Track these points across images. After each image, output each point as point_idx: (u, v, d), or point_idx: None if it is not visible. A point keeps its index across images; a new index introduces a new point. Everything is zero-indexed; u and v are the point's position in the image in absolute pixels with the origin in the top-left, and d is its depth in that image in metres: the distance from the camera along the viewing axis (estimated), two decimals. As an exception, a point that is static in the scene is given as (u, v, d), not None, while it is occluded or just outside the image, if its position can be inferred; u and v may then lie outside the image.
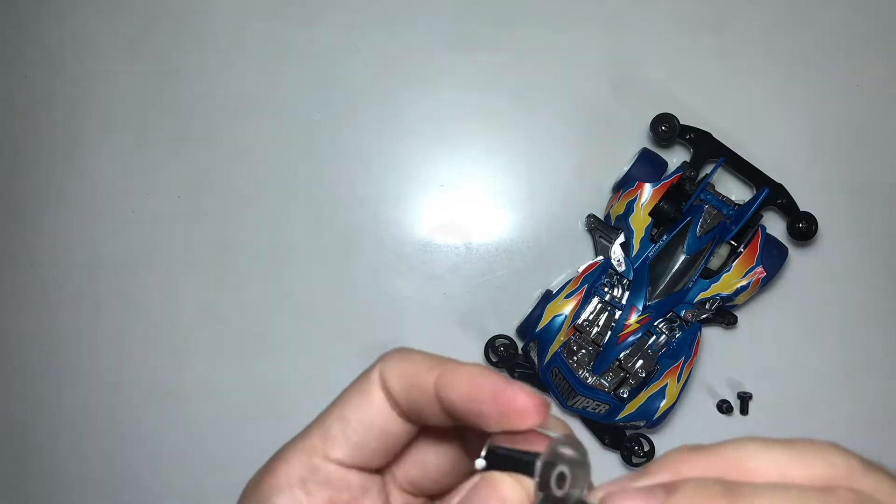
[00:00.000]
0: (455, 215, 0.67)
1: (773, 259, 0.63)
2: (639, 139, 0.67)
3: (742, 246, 0.62)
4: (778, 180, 0.64)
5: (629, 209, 0.62)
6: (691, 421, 0.65)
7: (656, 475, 0.22)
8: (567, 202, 0.67)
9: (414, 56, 0.69)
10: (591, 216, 0.65)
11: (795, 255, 0.65)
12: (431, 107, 0.68)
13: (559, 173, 0.67)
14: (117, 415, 0.66)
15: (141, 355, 0.66)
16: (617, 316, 0.61)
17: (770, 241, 0.63)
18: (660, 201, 0.62)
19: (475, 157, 0.68)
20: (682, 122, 0.65)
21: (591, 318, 0.62)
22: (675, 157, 0.66)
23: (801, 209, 0.64)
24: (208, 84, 0.69)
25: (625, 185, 0.64)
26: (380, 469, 0.30)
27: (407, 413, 0.28)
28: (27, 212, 0.68)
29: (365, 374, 0.29)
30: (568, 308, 0.61)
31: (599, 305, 0.62)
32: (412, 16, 0.70)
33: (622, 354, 0.61)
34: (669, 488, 0.21)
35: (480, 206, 0.67)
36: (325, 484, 0.28)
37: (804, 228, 0.64)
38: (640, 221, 0.62)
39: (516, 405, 0.24)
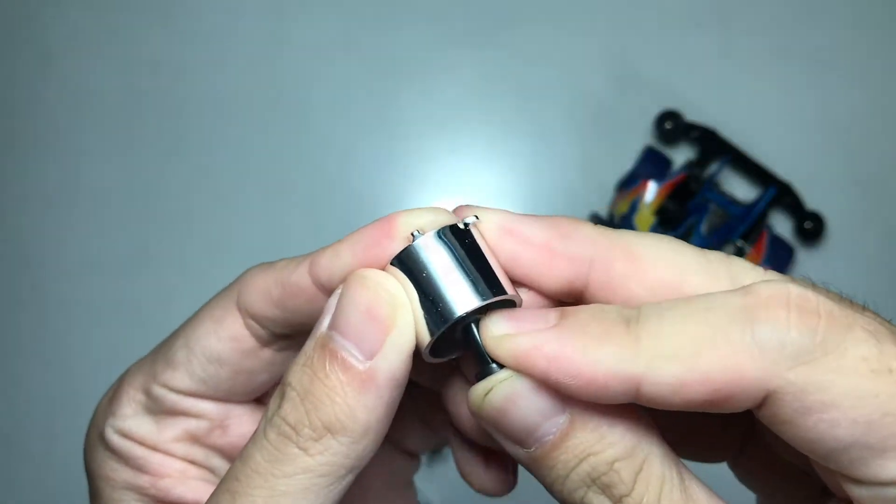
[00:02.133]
0: (456, 214, 0.66)
1: (780, 259, 0.62)
2: (643, 137, 0.66)
3: (748, 246, 0.61)
4: (784, 179, 0.64)
5: (633, 208, 0.62)
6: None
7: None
8: (570, 201, 0.66)
9: (414, 54, 0.68)
10: (594, 215, 0.64)
11: (802, 256, 0.65)
12: (432, 104, 0.68)
13: (562, 171, 0.66)
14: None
15: (137, 355, 0.65)
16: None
17: (776, 241, 0.62)
18: (665, 200, 0.61)
19: (476, 155, 0.67)
20: (687, 120, 0.64)
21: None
22: (680, 156, 0.65)
23: (808, 209, 0.64)
24: (206, 84, 0.69)
25: (629, 183, 0.63)
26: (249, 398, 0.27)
27: (282, 327, 0.25)
28: (21, 212, 0.67)
29: (218, 298, 0.26)
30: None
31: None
32: (412, 13, 0.69)
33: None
34: (564, 313, 0.20)
35: (481, 205, 0.66)
36: (172, 413, 0.26)
37: (811, 228, 0.63)
38: (644, 220, 0.61)
39: (393, 225, 0.22)
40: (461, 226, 0.22)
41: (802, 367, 0.18)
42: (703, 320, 0.19)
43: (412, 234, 0.21)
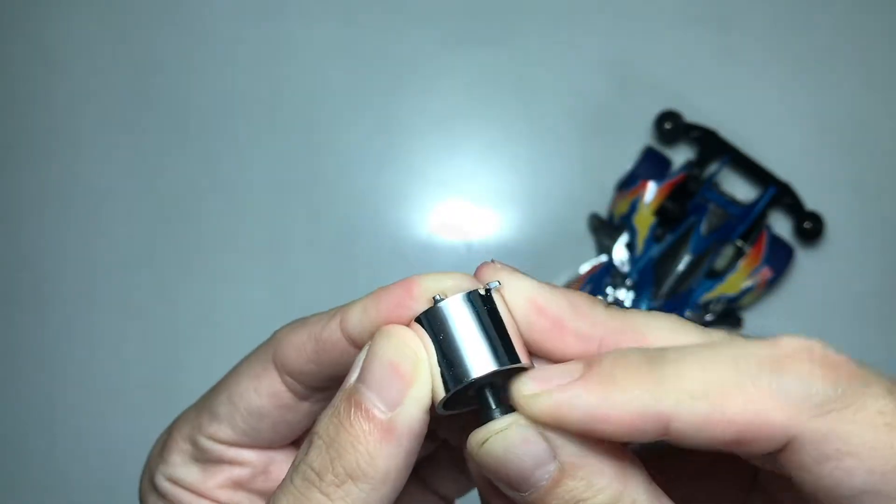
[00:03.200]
0: (455, 215, 0.66)
1: (780, 259, 0.62)
2: (643, 137, 0.66)
3: (748, 246, 0.61)
4: (784, 179, 0.63)
5: (633, 208, 0.62)
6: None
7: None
8: (569, 201, 0.66)
9: (414, 54, 0.68)
10: (593, 215, 0.64)
11: (802, 256, 0.65)
12: (432, 105, 0.68)
13: (561, 172, 0.66)
14: (115, 414, 0.65)
15: (138, 354, 0.65)
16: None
17: (776, 241, 0.62)
18: (664, 200, 0.61)
19: (476, 155, 0.67)
20: (686, 120, 0.64)
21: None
22: (680, 156, 0.65)
23: (808, 209, 0.63)
24: (206, 83, 0.69)
25: (629, 183, 0.63)
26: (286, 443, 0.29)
27: (317, 381, 0.26)
28: (22, 211, 0.67)
29: (256, 355, 0.27)
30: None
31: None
32: (413, 13, 0.69)
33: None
34: (588, 363, 0.21)
35: (481, 206, 0.66)
36: (218, 461, 0.27)
37: (810, 228, 0.63)
38: (644, 221, 0.61)
39: (413, 288, 0.23)
40: (482, 292, 0.23)
41: (825, 417, 0.19)
42: (731, 365, 0.20)
43: (434, 298, 0.23)
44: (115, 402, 0.65)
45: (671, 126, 0.64)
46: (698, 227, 0.61)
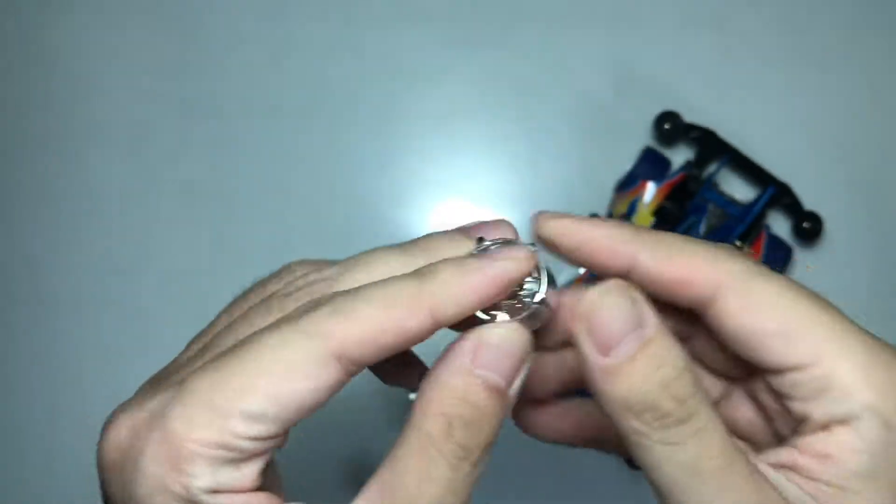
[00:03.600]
0: (455, 215, 0.66)
1: (778, 259, 0.62)
2: (642, 138, 0.66)
3: (747, 246, 0.61)
4: (783, 179, 0.64)
5: (632, 209, 0.62)
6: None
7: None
8: (569, 201, 0.66)
9: (414, 54, 0.68)
10: (593, 216, 0.64)
11: (800, 256, 0.65)
12: (431, 105, 0.68)
13: (561, 172, 0.67)
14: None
15: (139, 356, 0.65)
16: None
17: (774, 240, 0.63)
18: (663, 201, 0.61)
19: (476, 155, 0.67)
20: (685, 121, 0.64)
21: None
22: (679, 156, 0.66)
23: (807, 209, 0.64)
24: (206, 83, 0.69)
25: (628, 184, 0.63)
26: None
27: (365, 366, 0.27)
28: (24, 211, 0.67)
29: (304, 353, 0.25)
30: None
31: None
32: (412, 13, 0.69)
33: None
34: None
35: (481, 206, 0.67)
36: (253, 457, 0.26)
37: (809, 228, 0.63)
38: (643, 221, 0.61)
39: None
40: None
41: (746, 279, 0.26)
42: (687, 240, 0.28)
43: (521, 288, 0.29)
44: (115, 402, 0.65)
45: (670, 126, 0.64)
46: (697, 227, 0.61)
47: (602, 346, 0.25)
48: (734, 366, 0.31)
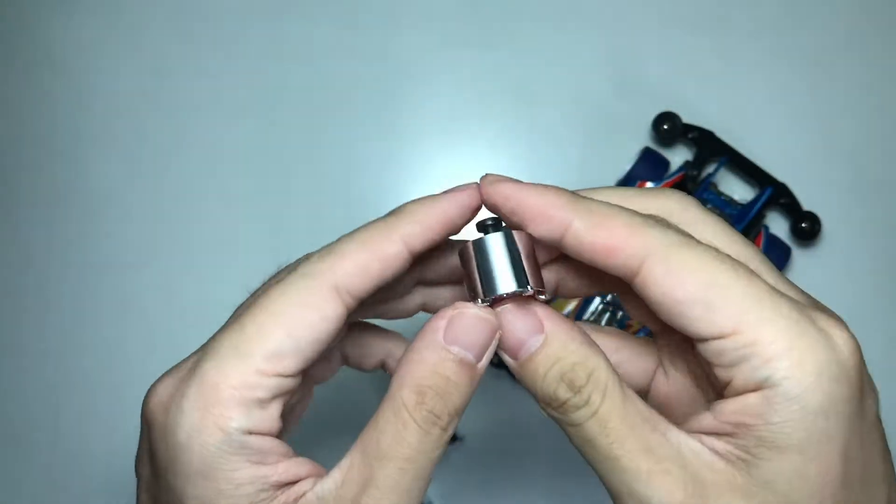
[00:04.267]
0: (455, 215, 0.67)
1: (777, 259, 0.62)
2: (640, 138, 0.66)
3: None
4: (781, 180, 0.64)
5: (631, 209, 0.62)
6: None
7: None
8: (568, 201, 0.66)
9: (413, 53, 0.69)
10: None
11: (798, 256, 0.65)
12: (431, 105, 0.68)
13: (560, 172, 0.67)
14: (117, 416, 0.65)
15: (140, 356, 0.65)
16: (619, 316, 0.61)
17: (773, 240, 0.63)
18: (662, 201, 0.61)
19: (475, 155, 0.68)
20: (684, 121, 0.65)
21: (592, 318, 0.61)
22: (678, 157, 0.66)
23: (805, 209, 0.64)
24: (206, 83, 0.69)
25: (626, 184, 0.63)
26: None
27: (369, 296, 0.31)
28: (25, 211, 0.67)
29: (308, 291, 0.30)
30: (569, 308, 0.61)
31: (601, 306, 0.61)
32: (412, 13, 0.69)
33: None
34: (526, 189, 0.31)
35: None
36: (278, 395, 0.29)
37: (807, 228, 0.64)
38: (642, 221, 0.62)
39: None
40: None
41: (670, 249, 0.27)
42: (623, 212, 0.29)
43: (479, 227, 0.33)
44: (116, 402, 0.65)
45: (669, 127, 0.64)
46: (696, 227, 0.61)
47: (511, 351, 0.30)
48: (668, 334, 0.33)
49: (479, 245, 0.31)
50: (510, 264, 0.30)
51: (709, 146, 0.64)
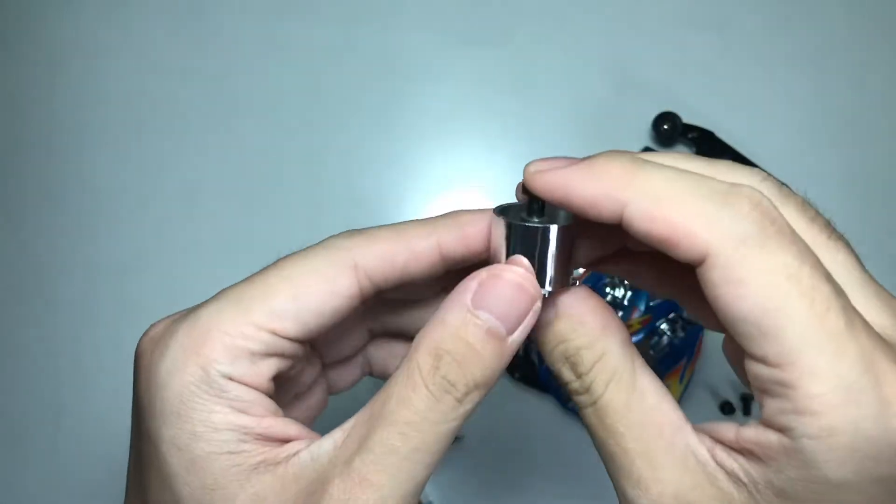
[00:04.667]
0: (455, 215, 0.67)
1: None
2: (641, 138, 0.66)
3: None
4: (781, 179, 0.64)
5: (631, 208, 0.62)
6: (694, 422, 0.64)
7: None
8: (568, 201, 0.66)
9: (414, 54, 0.69)
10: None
11: (798, 256, 0.65)
12: (431, 105, 0.68)
13: (560, 172, 0.67)
14: (116, 416, 0.65)
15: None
16: (619, 316, 0.61)
17: (773, 240, 0.63)
18: (662, 201, 0.61)
19: (476, 155, 0.67)
20: (684, 121, 0.65)
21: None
22: (678, 157, 0.66)
23: (805, 209, 0.64)
24: (206, 83, 0.69)
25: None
26: None
27: (392, 288, 0.30)
28: (25, 212, 0.67)
29: (321, 258, 0.29)
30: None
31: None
32: (412, 13, 0.69)
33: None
34: (589, 158, 0.27)
35: (481, 206, 0.67)
36: (272, 354, 0.28)
37: (807, 228, 0.63)
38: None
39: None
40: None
41: (738, 248, 0.23)
42: (689, 186, 0.24)
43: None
44: (116, 402, 0.65)
45: (669, 127, 0.64)
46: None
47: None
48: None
49: (515, 229, 0.28)
50: (537, 260, 0.28)
51: (709, 146, 0.64)
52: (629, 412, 0.26)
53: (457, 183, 0.67)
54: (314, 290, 0.28)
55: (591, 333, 0.27)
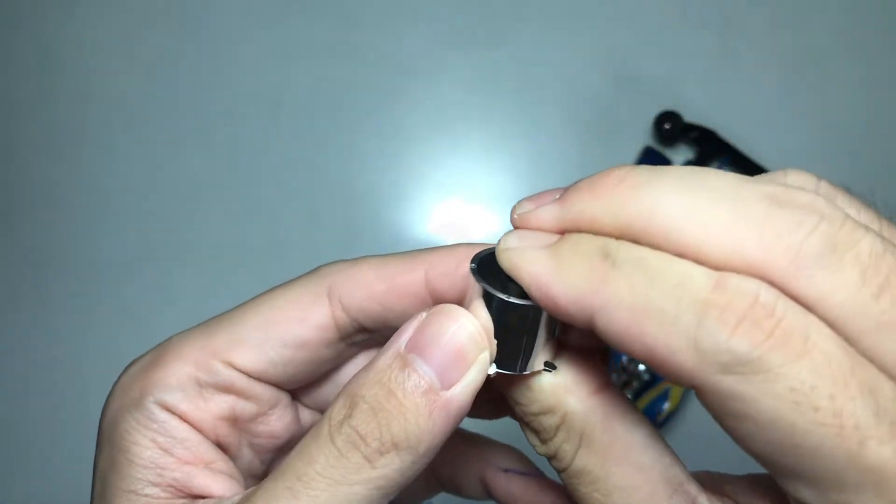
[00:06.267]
0: (455, 215, 0.66)
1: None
2: (642, 137, 0.66)
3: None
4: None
5: (632, 208, 0.62)
6: (696, 423, 0.64)
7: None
8: (569, 201, 0.66)
9: (413, 53, 0.68)
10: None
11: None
12: (431, 105, 0.68)
13: (561, 172, 0.67)
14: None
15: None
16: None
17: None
18: (663, 200, 0.61)
19: (476, 155, 0.67)
20: (685, 121, 0.64)
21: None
22: (679, 156, 0.66)
23: (807, 208, 0.64)
24: (207, 83, 0.69)
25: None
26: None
27: (371, 322, 0.26)
28: (25, 211, 0.67)
29: (299, 287, 0.26)
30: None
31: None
32: (412, 13, 0.69)
33: (625, 357, 0.60)
34: (561, 238, 0.21)
35: (481, 206, 0.67)
36: (225, 390, 0.26)
37: (809, 228, 0.63)
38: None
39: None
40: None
41: (730, 376, 0.18)
42: (668, 291, 0.18)
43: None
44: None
45: (670, 126, 0.64)
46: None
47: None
48: None
49: (490, 300, 0.22)
50: (513, 341, 0.23)
51: (710, 145, 0.64)
52: (608, 477, 0.22)
53: (457, 183, 0.67)
54: (284, 318, 0.26)
55: (544, 398, 0.22)
